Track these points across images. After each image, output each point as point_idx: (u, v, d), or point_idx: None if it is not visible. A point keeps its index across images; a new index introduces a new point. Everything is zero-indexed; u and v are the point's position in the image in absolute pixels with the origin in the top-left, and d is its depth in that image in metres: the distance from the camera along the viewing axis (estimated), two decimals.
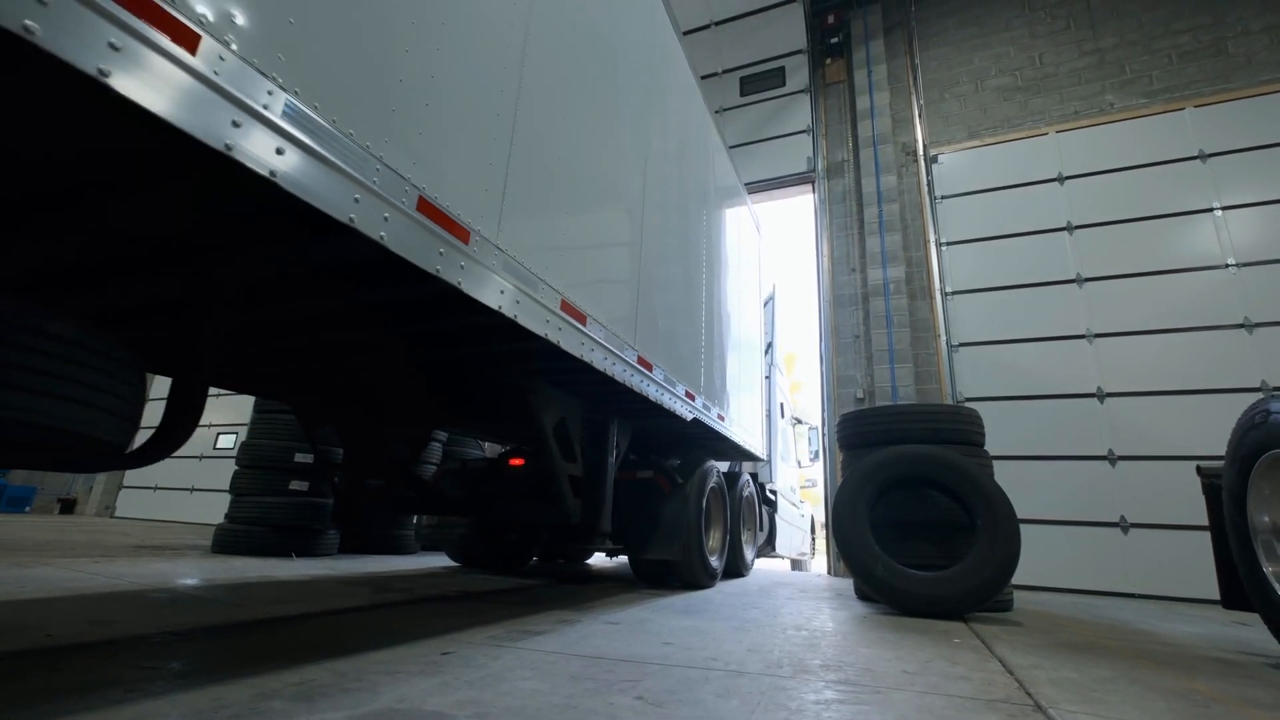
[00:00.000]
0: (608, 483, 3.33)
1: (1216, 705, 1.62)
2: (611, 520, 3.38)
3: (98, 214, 1.47)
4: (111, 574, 3.08)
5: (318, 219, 1.34)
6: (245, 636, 1.88)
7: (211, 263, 1.71)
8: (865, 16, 7.89)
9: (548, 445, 2.86)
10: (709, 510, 4.28)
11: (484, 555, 4.69)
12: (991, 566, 3.01)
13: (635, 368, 3.02)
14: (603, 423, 3.38)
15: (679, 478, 4.16)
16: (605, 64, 2.86)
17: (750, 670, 1.76)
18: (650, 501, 4.02)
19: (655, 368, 3.28)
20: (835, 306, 7.01)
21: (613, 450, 3.43)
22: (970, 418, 3.67)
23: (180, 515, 10.10)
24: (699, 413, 3.97)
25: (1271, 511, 2.30)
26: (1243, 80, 5.98)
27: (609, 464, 3.37)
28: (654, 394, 3.24)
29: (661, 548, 3.89)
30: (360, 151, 1.42)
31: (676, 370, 3.67)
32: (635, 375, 3.01)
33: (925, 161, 7.04)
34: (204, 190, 1.38)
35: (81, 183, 1.36)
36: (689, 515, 3.92)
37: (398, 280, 1.71)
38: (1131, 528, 5.25)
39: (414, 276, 1.62)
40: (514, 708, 1.29)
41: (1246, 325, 5.33)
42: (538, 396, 2.77)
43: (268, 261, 1.75)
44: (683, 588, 4.07)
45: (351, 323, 2.25)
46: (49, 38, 0.86)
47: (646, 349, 3.19)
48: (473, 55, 1.86)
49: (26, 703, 1.18)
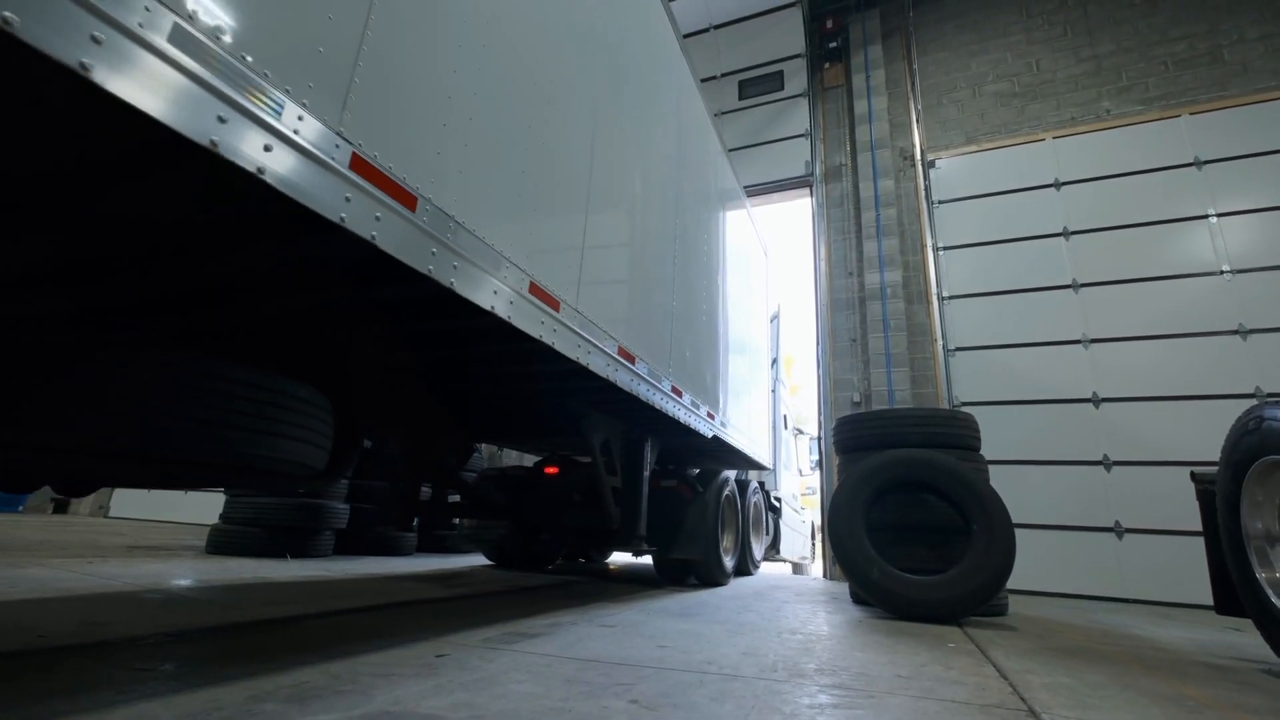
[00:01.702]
0: (643, 492, 3.75)
1: (1209, 711, 1.62)
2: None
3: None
4: (105, 574, 3.06)
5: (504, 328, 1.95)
6: (239, 638, 1.88)
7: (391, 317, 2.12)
8: (864, 21, 7.92)
9: (595, 461, 3.36)
10: (724, 515, 4.71)
11: (517, 555, 5.17)
12: (986, 571, 3.02)
13: (669, 395, 3.47)
14: (638, 440, 3.80)
15: (699, 486, 4.57)
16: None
17: (745, 674, 1.76)
18: (674, 507, 4.41)
19: (684, 393, 3.75)
20: (832, 310, 7.03)
21: (647, 464, 3.86)
22: (966, 422, 3.68)
23: (175, 515, 10.05)
24: (718, 430, 4.42)
25: (1265, 517, 2.30)
26: (1238, 88, 6.01)
27: (644, 476, 3.79)
28: (683, 417, 3.70)
29: (685, 548, 4.32)
30: (494, 255, 1.89)
31: (700, 393, 4.12)
32: (669, 401, 3.47)
33: (923, 166, 7.06)
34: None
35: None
36: (708, 520, 4.35)
37: (519, 339, 2.13)
38: (1126, 533, 5.27)
39: (526, 338, 2.09)
40: (508, 711, 1.29)
41: (1241, 331, 5.36)
42: (588, 421, 3.28)
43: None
44: (700, 584, 4.54)
45: (489, 370, 2.85)
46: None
47: (678, 378, 3.67)
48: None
49: (19, 704, 1.18)
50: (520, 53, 2.06)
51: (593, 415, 3.32)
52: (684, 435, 4.02)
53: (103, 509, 10.89)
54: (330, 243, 1.45)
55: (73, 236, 1.51)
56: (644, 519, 3.74)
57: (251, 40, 1.15)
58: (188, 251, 1.60)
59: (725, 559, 4.66)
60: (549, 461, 4.63)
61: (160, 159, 1.19)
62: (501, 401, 3.49)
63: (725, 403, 4.82)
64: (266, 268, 1.73)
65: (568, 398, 3.15)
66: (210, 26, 1.07)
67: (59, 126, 1.11)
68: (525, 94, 2.10)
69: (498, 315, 1.87)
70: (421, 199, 1.55)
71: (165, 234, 1.53)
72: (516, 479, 4.63)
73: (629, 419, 3.66)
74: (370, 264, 1.57)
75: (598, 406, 3.31)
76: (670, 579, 4.72)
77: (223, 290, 1.84)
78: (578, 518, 4.07)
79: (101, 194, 1.34)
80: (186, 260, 1.63)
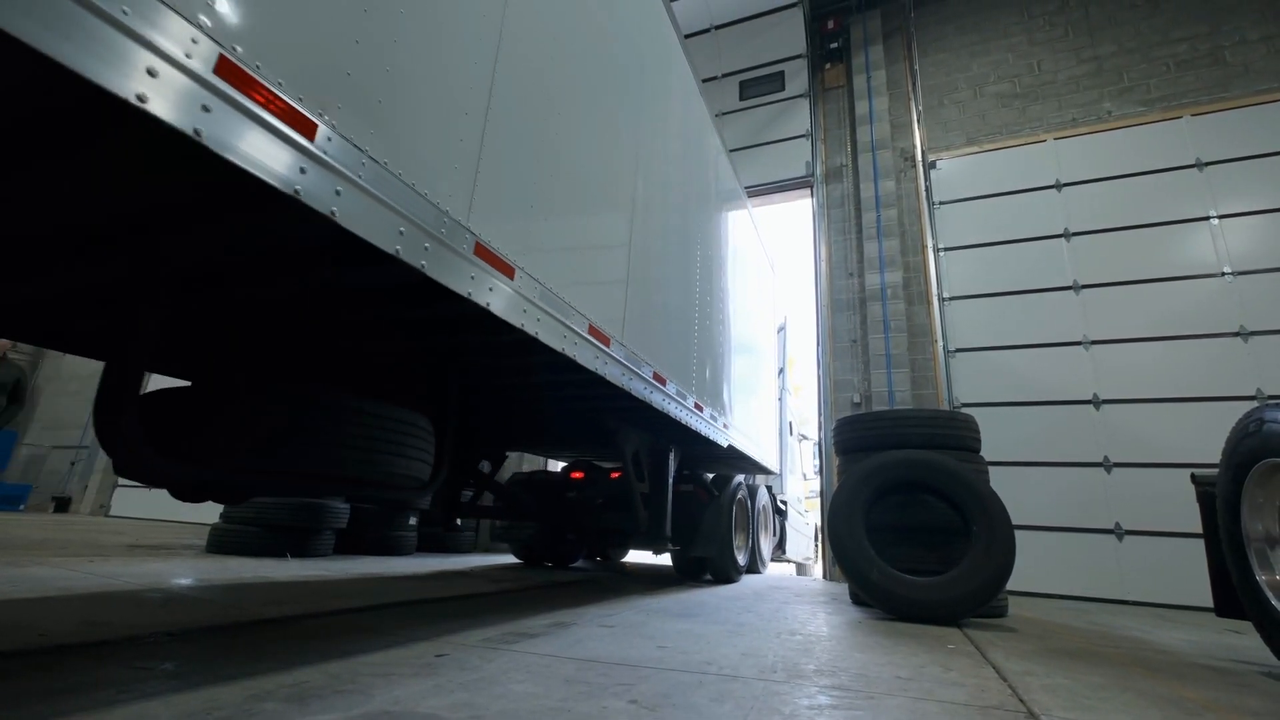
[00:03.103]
0: (668, 497, 4.17)
1: (1209, 713, 1.62)
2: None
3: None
4: (106, 573, 3.07)
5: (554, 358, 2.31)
6: (239, 637, 1.88)
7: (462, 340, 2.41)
8: (865, 22, 7.92)
9: (626, 469, 3.76)
10: (736, 517, 5.11)
11: (544, 553, 5.60)
12: (986, 572, 3.02)
13: (693, 411, 3.87)
14: (663, 450, 4.23)
15: (714, 490, 4.99)
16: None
17: (744, 675, 1.76)
18: (692, 510, 4.81)
19: (705, 408, 4.13)
20: (833, 311, 7.03)
21: (671, 472, 4.26)
22: (966, 423, 3.67)
23: (175, 515, 10.03)
24: (733, 439, 4.78)
25: (1265, 519, 2.30)
26: (1240, 89, 6.01)
27: (669, 483, 4.20)
28: (704, 430, 4.06)
29: (702, 547, 4.75)
30: (564, 304, 2.34)
31: (718, 407, 4.50)
32: (693, 417, 3.87)
33: (924, 167, 7.06)
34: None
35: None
36: (722, 521, 4.78)
37: (578, 370, 2.50)
38: (1126, 534, 5.26)
39: (584, 370, 2.49)
40: (508, 711, 1.29)
41: (1242, 333, 5.36)
42: (622, 434, 3.70)
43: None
44: (714, 580, 4.98)
45: (553, 394, 3.27)
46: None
47: (699, 394, 4.05)
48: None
49: (20, 703, 1.18)
50: (561, 157, 2.39)
51: (625, 429, 3.74)
52: (703, 444, 4.38)
53: (103, 508, 10.89)
54: (456, 306, 1.83)
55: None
56: (668, 521, 4.12)
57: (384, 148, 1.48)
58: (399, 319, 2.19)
59: (738, 557, 5.09)
60: (575, 467, 5.05)
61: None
62: (547, 417, 3.98)
63: (739, 413, 5.21)
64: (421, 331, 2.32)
65: (606, 415, 3.60)
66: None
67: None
68: (601, 201, 2.71)
69: (567, 355, 2.31)
70: (518, 269, 1.99)
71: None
72: (545, 483, 5.06)
73: (656, 431, 4.07)
74: (482, 320, 1.94)
75: (631, 422, 3.74)
76: (687, 575, 5.17)
77: (400, 352, 2.54)
78: (609, 520, 4.50)
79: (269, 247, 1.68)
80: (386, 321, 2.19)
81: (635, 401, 3.07)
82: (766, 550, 6.56)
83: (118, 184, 1.37)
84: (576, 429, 4.22)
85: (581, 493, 4.86)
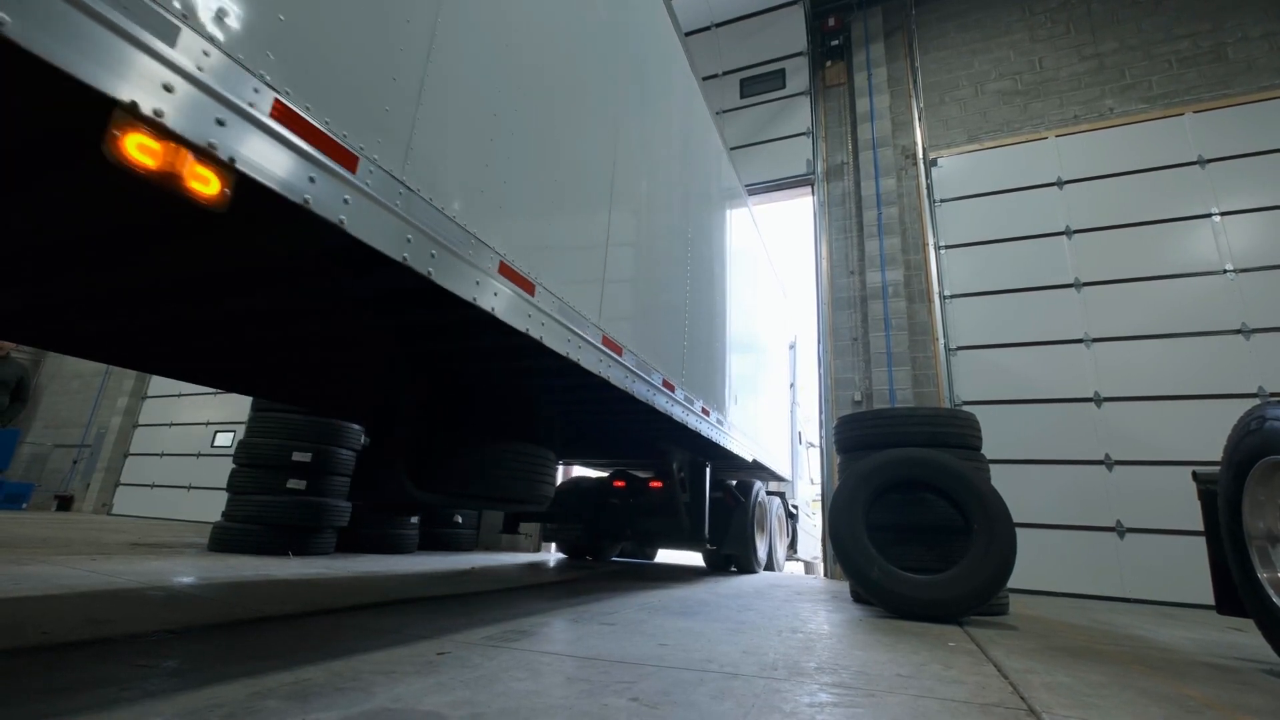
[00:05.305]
0: (706, 505, 4.95)
1: (1210, 711, 1.62)
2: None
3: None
4: (108, 571, 3.07)
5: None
6: (241, 635, 1.89)
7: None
8: (866, 19, 7.90)
9: (673, 481, 4.64)
10: (758, 519, 5.99)
11: (587, 549, 6.42)
12: (987, 570, 3.02)
13: (727, 434, 4.59)
14: (701, 465, 5.02)
15: (740, 495, 5.82)
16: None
17: (745, 672, 1.76)
18: (722, 513, 5.68)
19: (736, 430, 4.90)
20: (834, 309, 7.02)
21: (707, 483, 5.02)
22: (967, 421, 3.67)
23: (177, 513, 10.07)
24: (756, 454, 5.60)
25: (1266, 517, 2.30)
26: (1242, 86, 5.99)
27: (706, 492, 4.98)
28: (736, 449, 4.86)
29: (730, 545, 5.70)
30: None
31: (746, 427, 5.30)
32: (728, 439, 4.59)
33: (925, 165, 7.05)
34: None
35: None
36: (747, 523, 5.70)
37: (633, 401, 3.08)
38: (1127, 532, 5.26)
39: (656, 410, 3.23)
40: (509, 709, 1.30)
41: (1244, 331, 5.35)
42: (670, 454, 4.52)
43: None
44: (739, 572, 5.97)
45: (626, 420, 3.80)
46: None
47: (732, 419, 4.81)
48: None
49: (22, 701, 1.18)
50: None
51: (673, 449, 4.50)
52: (732, 457, 5.09)
53: (105, 507, 10.92)
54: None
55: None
56: (706, 524, 4.86)
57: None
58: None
59: (760, 553, 6.00)
60: (617, 476, 5.77)
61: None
62: (610, 438, 4.58)
63: (761, 430, 6.05)
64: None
65: (660, 438, 4.35)
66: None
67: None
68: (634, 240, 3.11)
69: (648, 403, 3.07)
70: (625, 349, 2.77)
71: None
72: (590, 489, 5.82)
73: (697, 450, 4.81)
74: (576, 371, 2.46)
75: (677, 442, 4.45)
76: (716, 568, 6.22)
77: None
78: (656, 525, 5.27)
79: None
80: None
81: (690, 431, 3.76)
82: (781, 550, 7.22)
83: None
84: (625, 445, 4.93)
85: (624, 500, 5.55)
